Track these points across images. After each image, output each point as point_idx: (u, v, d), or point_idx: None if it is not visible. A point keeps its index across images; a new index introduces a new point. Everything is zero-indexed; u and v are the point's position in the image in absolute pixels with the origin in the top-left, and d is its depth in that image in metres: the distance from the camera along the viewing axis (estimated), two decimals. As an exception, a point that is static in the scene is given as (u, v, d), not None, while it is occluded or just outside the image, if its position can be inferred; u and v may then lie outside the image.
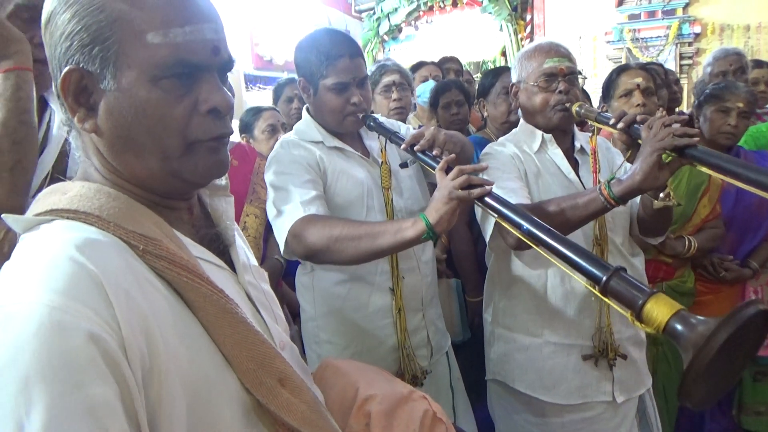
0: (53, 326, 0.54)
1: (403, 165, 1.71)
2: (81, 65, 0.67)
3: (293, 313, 2.26)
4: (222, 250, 0.84)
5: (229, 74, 0.78)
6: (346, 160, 1.66)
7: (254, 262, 0.94)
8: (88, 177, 0.75)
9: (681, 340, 0.71)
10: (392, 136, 1.56)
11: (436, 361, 1.77)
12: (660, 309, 0.75)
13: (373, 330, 1.65)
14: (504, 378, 1.74)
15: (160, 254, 0.67)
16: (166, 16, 0.68)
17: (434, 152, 1.44)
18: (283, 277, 2.23)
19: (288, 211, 1.48)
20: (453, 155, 1.37)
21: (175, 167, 0.72)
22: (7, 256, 0.64)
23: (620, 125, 1.46)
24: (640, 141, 1.38)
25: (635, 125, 1.44)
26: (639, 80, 2.08)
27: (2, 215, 0.70)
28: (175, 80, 0.69)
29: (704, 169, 1.29)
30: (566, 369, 1.65)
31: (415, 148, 1.46)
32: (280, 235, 1.50)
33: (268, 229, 2.11)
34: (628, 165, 1.58)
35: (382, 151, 1.64)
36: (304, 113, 1.73)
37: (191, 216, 0.82)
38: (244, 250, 0.91)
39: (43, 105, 1.50)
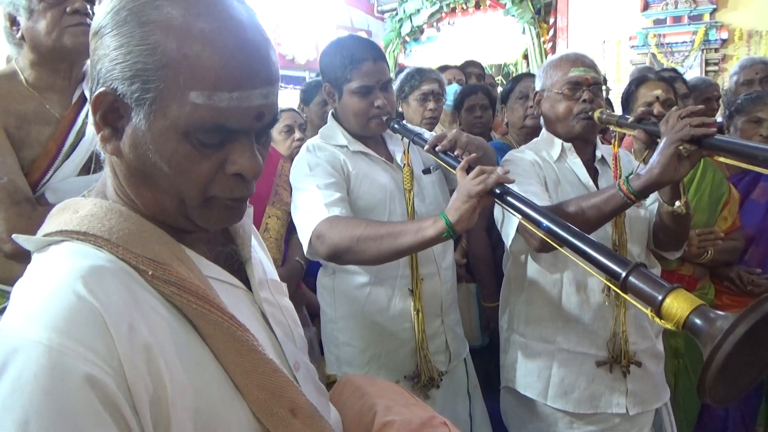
0: (52, 369, 0.54)
1: (426, 171, 1.72)
2: (118, 92, 0.65)
3: (312, 315, 2.27)
4: (238, 266, 0.82)
5: None
6: (370, 165, 1.68)
7: (273, 276, 0.92)
8: (105, 189, 0.74)
9: (700, 335, 0.69)
10: (415, 138, 1.57)
11: (454, 367, 1.77)
12: (680, 304, 0.73)
13: (393, 333, 1.67)
14: (515, 385, 1.74)
15: (169, 279, 0.66)
16: (217, 79, 0.63)
17: (455, 153, 1.45)
18: (303, 278, 2.25)
19: (312, 213, 1.51)
20: (474, 155, 1.37)
21: (189, 212, 0.70)
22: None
23: (639, 112, 1.46)
24: (658, 140, 1.36)
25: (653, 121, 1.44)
26: (658, 92, 2.07)
27: (13, 235, 0.70)
28: (207, 138, 0.66)
29: (723, 159, 1.27)
30: (579, 377, 1.64)
31: (437, 148, 1.47)
32: (304, 235, 1.52)
33: (290, 230, 2.13)
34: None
35: (405, 153, 1.65)
36: (330, 118, 1.76)
37: (207, 233, 0.80)
38: (262, 264, 0.88)
39: (83, 101, 1.55)
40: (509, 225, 1.60)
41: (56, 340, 0.55)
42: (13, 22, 1.49)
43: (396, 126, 1.63)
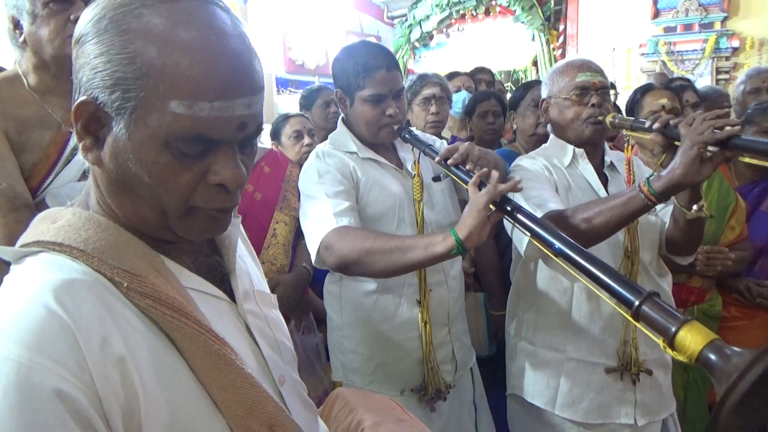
0: (20, 384, 0.54)
1: (436, 179, 1.71)
2: (98, 102, 0.64)
3: (319, 321, 2.28)
4: (222, 277, 0.81)
5: None
6: (380, 172, 1.67)
7: (262, 287, 0.90)
8: (88, 199, 0.73)
9: (714, 371, 0.69)
10: (426, 149, 1.56)
11: (460, 377, 1.76)
12: (693, 337, 0.72)
13: (399, 342, 1.66)
14: (523, 393, 1.73)
15: (145, 292, 0.65)
16: (197, 87, 0.62)
17: (467, 167, 1.43)
18: (310, 284, 2.25)
19: (320, 222, 1.50)
20: (486, 170, 1.35)
21: (171, 223, 0.69)
22: None
23: (656, 125, 1.42)
24: (677, 143, 1.34)
25: (671, 126, 1.40)
26: (664, 101, 2.05)
27: None
28: (188, 149, 0.65)
29: (748, 160, 1.24)
30: (588, 387, 1.63)
31: (449, 162, 1.45)
32: (312, 245, 1.52)
33: (298, 236, 2.13)
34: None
35: (415, 163, 1.65)
36: (340, 123, 1.75)
37: (190, 243, 0.77)
38: (249, 275, 0.86)
39: None
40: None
41: (25, 355, 0.55)
42: (17, 25, 1.45)
43: (407, 136, 1.62)
